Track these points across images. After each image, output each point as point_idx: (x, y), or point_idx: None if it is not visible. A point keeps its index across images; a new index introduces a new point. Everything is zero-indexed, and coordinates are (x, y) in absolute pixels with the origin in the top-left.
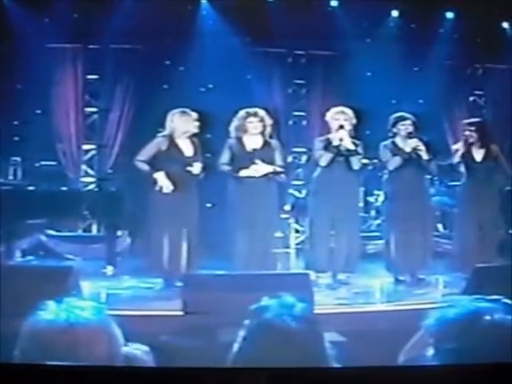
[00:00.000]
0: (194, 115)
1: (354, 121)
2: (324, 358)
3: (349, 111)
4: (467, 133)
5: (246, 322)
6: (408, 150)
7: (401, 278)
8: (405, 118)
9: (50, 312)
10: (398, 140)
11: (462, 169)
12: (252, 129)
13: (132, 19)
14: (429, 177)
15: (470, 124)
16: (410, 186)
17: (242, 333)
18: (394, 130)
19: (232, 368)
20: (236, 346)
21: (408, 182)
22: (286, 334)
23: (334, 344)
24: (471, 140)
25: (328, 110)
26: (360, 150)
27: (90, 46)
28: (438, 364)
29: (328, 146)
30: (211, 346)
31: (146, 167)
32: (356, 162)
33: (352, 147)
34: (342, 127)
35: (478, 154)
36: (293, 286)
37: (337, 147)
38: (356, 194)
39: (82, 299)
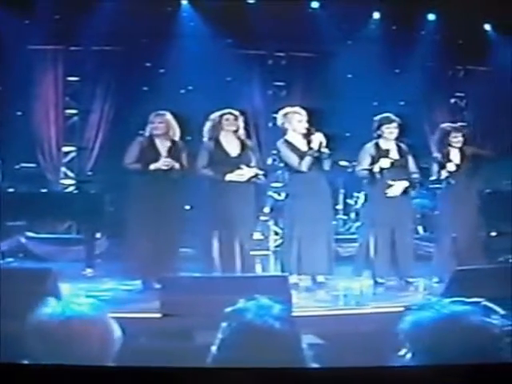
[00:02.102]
0: (166, 115)
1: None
2: (303, 359)
3: (302, 110)
4: (451, 135)
5: (224, 324)
6: (396, 155)
7: (380, 280)
8: (390, 121)
9: (49, 307)
10: (381, 142)
11: (443, 171)
12: (228, 126)
13: (113, 21)
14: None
15: (455, 128)
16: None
17: (219, 335)
18: (379, 131)
19: (227, 368)
20: (214, 349)
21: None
22: (268, 334)
23: (312, 346)
24: (454, 143)
25: (281, 108)
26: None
27: (71, 48)
28: (423, 364)
29: (294, 148)
30: (189, 348)
31: (138, 166)
32: (327, 163)
33: (327, 151)
34: (309, 130)
35: (456, 157)
36: (271, 288)
37: (318, 151)
38: (330, 195)
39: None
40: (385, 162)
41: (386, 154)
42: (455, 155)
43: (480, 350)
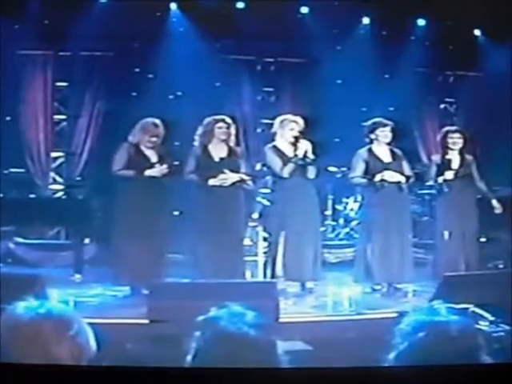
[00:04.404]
0: (160, 125)
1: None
2: (279, 365)
3: (300, 120)
4: (451, 140)
5: (197, 333)
6: (389, 159)
7: (376, 287)
8: (384, 124)
9: (20, 308)
10: (374, 147)
11: (440, 177)
12: (220, 135)
13: (102, 26)
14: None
15: (455, 131)
16: (388, 195)
17: (193, 344)
18: (372, 136)
19: (224, 368)
20: (189, 358)
21: (386, 190)
22: (243, 342)
23: (299, 352)
24: (455, 147)
25: (278, 115)
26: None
27: (60, 53)
28: (412, 365)
29: (281, 154)
30: (176, 354)
31: (129, 173)
32: (312, 171)
33: (313, 157)
34: (297, 138)
35: (455, 162)
36: (259, 294)
37: (302, 159)
38: (316, 202)
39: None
40: (389, 175)
41: (386, 166)
42: (454, 158)
43: (468, 356)
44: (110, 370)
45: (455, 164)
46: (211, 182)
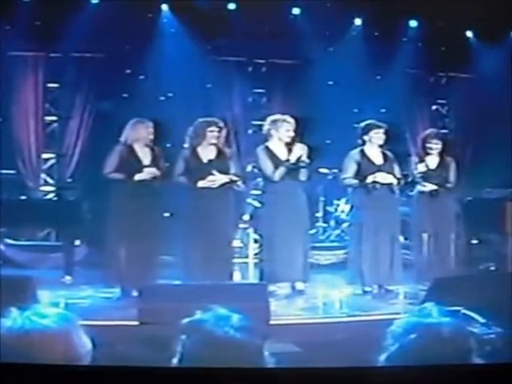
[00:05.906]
0: (150, 124)
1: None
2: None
3: (291, 119)
4: (429, 144)
5: (183, 337)
6: (381, 161)
7: (367, 289)
8: (379, 126)
9: (10, 319)
10: (366, 148)
11: (419, 178)
12: (211, 138)
13: (93, 28)
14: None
15: (436, 135)
16: (379, 197)
17: (179, 348)
18: (366, 137)
19: (218, 368)
20: (175, 361)
21: (377, 192)
22: (230, 345)
23: (288, 354)
24: (433, 152)
25: (268, 115)
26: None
27: (52, 55)
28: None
29: (273, 157)
30: (166, 357)
31: (119, 176)
32: (304, 173)
33: (308, 161)
34: (293, 140)
35: (433, 163)
36: (249, 296)
37: (295, 163)
38: (306, 204)
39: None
40: (382, 177)
41: (378, 168)
42: (432, 161)
43: (459, 358)
44: (104, 369)
45: (432, 166)
46: (200, 183)
